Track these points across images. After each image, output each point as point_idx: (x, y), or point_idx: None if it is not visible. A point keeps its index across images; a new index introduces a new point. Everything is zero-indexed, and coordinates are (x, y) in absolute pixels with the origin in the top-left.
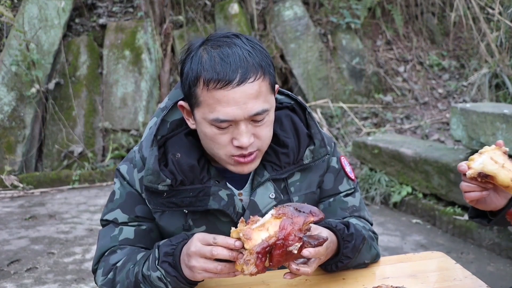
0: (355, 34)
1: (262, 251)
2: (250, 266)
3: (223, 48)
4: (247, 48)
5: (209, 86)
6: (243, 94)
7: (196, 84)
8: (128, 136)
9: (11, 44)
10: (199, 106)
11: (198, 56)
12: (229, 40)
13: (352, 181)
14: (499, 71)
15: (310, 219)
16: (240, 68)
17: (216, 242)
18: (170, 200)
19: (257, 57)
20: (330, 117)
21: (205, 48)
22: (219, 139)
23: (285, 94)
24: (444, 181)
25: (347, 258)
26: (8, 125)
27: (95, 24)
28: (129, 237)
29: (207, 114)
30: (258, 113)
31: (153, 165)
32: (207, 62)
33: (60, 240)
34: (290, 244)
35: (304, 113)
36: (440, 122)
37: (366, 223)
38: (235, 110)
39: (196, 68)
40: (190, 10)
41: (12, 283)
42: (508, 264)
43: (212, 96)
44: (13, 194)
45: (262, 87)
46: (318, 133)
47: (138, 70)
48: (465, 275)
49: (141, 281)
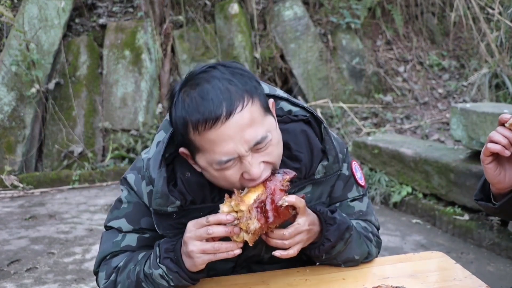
0: (355, 34)
1: (259, 205)
2: (253, 221)
3: (201, 85)
4: (226, 77)
5: (199, 129)
6: (235, 127)
7: (186, 131)
8: (128, 136)
9: (11, 44)
10: (199, 152)
11: (180, 101)
12: (206, 75)
13: (362, 188)
14: (499, 71)
15: (286, 176)
16: (224, 101)
17: (209, 221)
18: (180, 221)
19: (239, 84)
20: (330, 117)
21: (185, 91)
22: (229, 178)
23: (300, 106)
24: (444, 181)
25: (328, 241)
26: (8, 125)
27: (95, 24)
28: (131, 244)
29: (209, 158)
30: (258, 142)
31: (161, 187)
32: (189, 105)
33: (60, 240)
34: (278, 198)
35: (320, 127)
36: (440, 122)
37: (371, 225)
38: (234, 146)
39: (181, 115)
40: (190, 10)
41: (12, 283)
42: (508, 264)
43: (206, 139)
44: (13, 194)
45: (253, 113)
46: (333, 150)
47: (138, 70)
48: (465, 275)
49: (142, 280)
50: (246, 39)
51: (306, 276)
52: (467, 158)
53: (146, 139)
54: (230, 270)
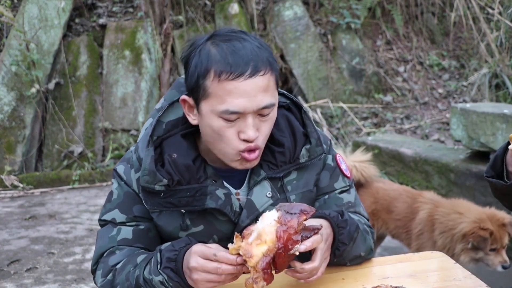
0: (355, 34)
1: (267, 266)
2: (260, 282)
3: (233, 42)
4: (256, 43)
5: (221, 77)
6: (254, 87)
7: (205, 76)
8: (128, 136)
9: (11, 44)
10: (207, 98)
11: (206, 49)
12: (237, 35)
13: (348, 179)
14: (499, 71)
15: (303, 218)
16: (252, 61)
17: (218, 259)
18: (167, 200)
19: (266, 53)
20: (330, 117)
21: (214, 42)
22: (225, 132)
23: (280, 93)
24: (444, 181)
25: (343, 244)
26: (8, 125)
27: (95, 24)
28: (128, 237)
29: (216, 106)
30: (266, 106)
31: (149, 165)
32: (217, 54)
33: (60, 240)
34: (290, 248)
35: (300, 112)
36: (440, 122)
37: (361, 217)
38: (245, 102)
39: (206, 60)
40: (190, 10)
41: (12, 283)
42: None
43: (223, 87)
44: (13, 194)
45: (270, 82)
46: (314, 132)
47: (138, 70)
48: (465, 275)
49: (142, 285)
50: None
51: None
52: (467, 158)
53: None
54: None
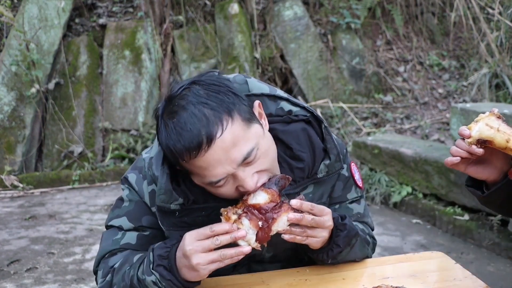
0: (355, 34)
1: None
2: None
3: (178, 114)
4: (201, 100)
5: (186, 159)
6: (219, 151)
7: (176, 160)
8: (128, 136)
9: (11, 44)
10: (191, 174)
11: (162, 129)
12: (182, 101)
13: (360, 189)
14: (499, 71)
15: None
16: (202, 128)
17: (215, 231)
18: (182, 219)
19: (215, 105)
20: (330, 117)
21: (164, 119)
22: (225, 192)
23: (301, 106)
24: (444, 181)
25: (337, 246)
26: (8, 125)
27: (95, 24)
28: (131, 242)
29: (201, 180)
30: (246, 156)
31: (165, 184)
32: (170, 135)
33: (60, 240)
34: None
35: (320, 126)
36: (440, 122)
37: (367, 227)
38: (223, 168)
39: (166, 143)
40: (190, 10)
41: (12, 283)
42: (508, 264)
43: (193, 165)
44: (13, 194)
45: (235, 132)
46: (334, 148)
47: (138, 70)
48: (465, 275)
49: (136, 285)
50: (246, 39)
51: (306, 276)
52: None
53: (146, 139)
54: (230, 270)
